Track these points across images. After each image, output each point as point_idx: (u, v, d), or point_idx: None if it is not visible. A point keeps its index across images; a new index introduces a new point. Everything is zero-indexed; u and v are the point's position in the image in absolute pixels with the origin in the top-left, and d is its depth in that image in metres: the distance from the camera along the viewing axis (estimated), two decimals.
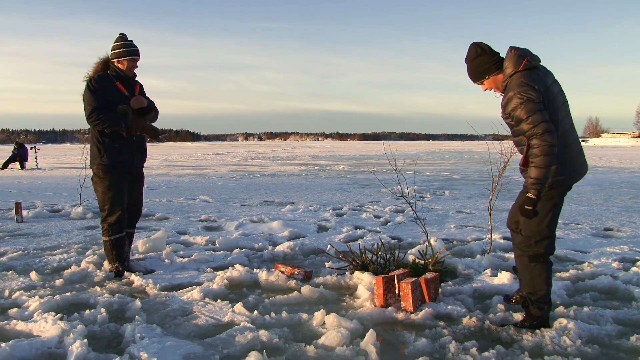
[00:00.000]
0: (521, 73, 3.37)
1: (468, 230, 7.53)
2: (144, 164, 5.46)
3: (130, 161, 5.13)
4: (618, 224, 8.09)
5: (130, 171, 5.17)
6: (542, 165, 3.23)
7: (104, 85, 4.99)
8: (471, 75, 3.62)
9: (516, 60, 3.41)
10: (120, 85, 5.07)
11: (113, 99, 4.98)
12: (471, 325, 3.72)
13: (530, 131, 3.26)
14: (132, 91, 5.17)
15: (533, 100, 3.26)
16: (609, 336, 3.53)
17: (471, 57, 3.56)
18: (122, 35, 5.16)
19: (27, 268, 5.36)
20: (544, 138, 3.22)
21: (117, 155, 5.02)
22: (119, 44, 5.09)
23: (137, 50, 5.14)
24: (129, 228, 5.30)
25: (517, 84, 3.33)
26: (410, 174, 16.73)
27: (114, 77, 5.07)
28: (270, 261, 5.72)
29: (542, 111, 3.27)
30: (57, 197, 12.27)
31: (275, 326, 3.70)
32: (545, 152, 3.22)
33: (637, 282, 4.71)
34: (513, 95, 3.31)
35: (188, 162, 31.49)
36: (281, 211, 9.62)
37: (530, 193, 3.29)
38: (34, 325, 3.65)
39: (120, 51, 5.06)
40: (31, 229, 7.84)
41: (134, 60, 5.12)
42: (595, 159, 33.26)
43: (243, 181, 16.85)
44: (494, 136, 6.14)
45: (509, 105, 3.35)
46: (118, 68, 5.10)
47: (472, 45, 3.56)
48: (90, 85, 4.97)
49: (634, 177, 17.82)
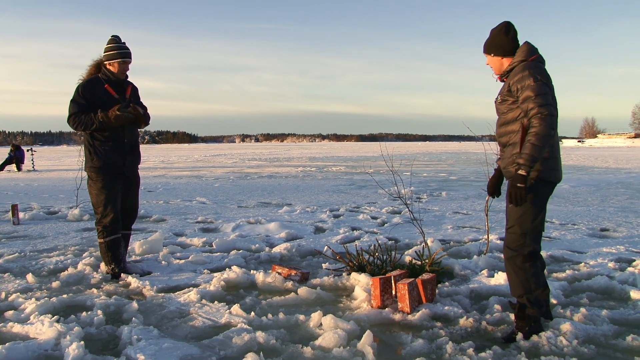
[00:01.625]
0: (535, 61, 3.46)
1: (465, 231, 7.55)
2: (139, 166, 5.44)
3: (121, 163, 5.09)
4: (614, 224, 8.11)
5: (123, 173, 5.14)
6: (540, 144, 3.25)
7: (92, 90, 5.01)
8: (485, 44, 3.71)
9: (529, 51, 3.51)
10: (109, 88, 5.06)
11: (102, 103, 4.97)
12: (468, 326, 3.72)
13: (536, 110, 3.28)
14: (123, 94, 5.16)
15: (547, 84, 3.35)
16: (606, 336, 3.54)
17: (496, 30, 3.65)
18: (114, 37, 5.15)
19: (24, 270, 5.35)
20: (547, 119, 3.26)
21: (108, 158, 5.01)
22: (111, 45, 5.08)
23: (129, 53, 5.12)
24: (125, 230, 5.31)
25: (535, 65, 3.43)
26: (407, 175, 16.75)
27: (104, 81, 5.07)
28: (267, 262, 5.72)
29: (550, 96, 3.34)
30: (54, 199, 12.24)
31: (272, 327, 3.70)
32: (546, 132, 3.25)
33: (633, 282, 4.72)
34: (529, 73, 3.36)
35: (185, 163, 31.47)
36: (278, 212, 9.62)
37: (521, 169, 3.29)
38: (31, 328, 3.64)
39: (111, 53, 5.05)
40: (28, 231, 7.82)
41: (125, 63, 5.10)
42: (592, 159, 33.35)
43: (240, 183, 16.85)
44: (490, 137, 6.15)
45: (521, 81, 3.38)
46: (109, 71, 5.08)
47: (505, 22, 3.64)
48: (76, 92, 5.02)
49: (630, 177, 17.86)
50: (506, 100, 3.52)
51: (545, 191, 3.48)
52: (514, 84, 3.43)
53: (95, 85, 5.04)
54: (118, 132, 5.05)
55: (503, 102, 3.56)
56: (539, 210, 3.48)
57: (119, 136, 5.07)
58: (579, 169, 22.70)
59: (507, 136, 3.56)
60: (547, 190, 3.49)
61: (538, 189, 3.40)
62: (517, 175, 3.31)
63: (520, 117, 3.43)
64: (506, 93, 3.52)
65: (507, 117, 3.54)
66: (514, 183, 3.36)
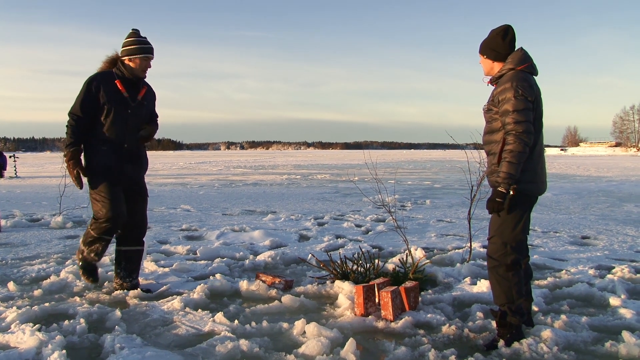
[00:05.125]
0: (522, 71, 3.46)
1: (448, 239, 7.60)
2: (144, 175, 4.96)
3: (117, 169, 4.59)
4: (595, 232, 8.23)
5: (122, 180, 4.63)
6: (515, 162, 3.31)
7: (101, 82, 4.55)
8: (481, 44, 3.72)
9: (519, 60, 3.51)
10: (119, 85, 4.59)
11: (109, 99, 4.52)
12: (450, 334, 3.76)
13: (512, 126, 3.33)
14: (135, 94, 4.68)
15: (526, 98, 3.36)
16: (585, 342, 3.59)
17: (495, 32, 3.64)
18: (135, 30, 4.72)
19: (5, 278, 5.29)
20: (522, 137, 3.30)
21: (102, 159, 4.55)
22: (132, 39, 4.64)
23: (152, 48, 4.68)
24: (135, 245, 4.87)
25: (520, 77, 3.42)
26: (392, 183, 16.83)
27: (117, 76, 4.62)
28: (251, 270, 5.72)
29: (529, 111, 3.36)
30: (37, 206, 12.13)
31: (256, 335, 3.70)
32: (520, 150, 3.30)
33: (613, 289, 4.79)
34: (511, 86, 3.37)
35: (170, 171, 31.34)
36: (262, 220, 9.62)
37: (501, 187, 3.37)
38: (11, 337, 3.60)
39: (132, 48, 4.60)
40: (10, 238, 7.74)
41: (147, 59, 4.65)
42: (574, 167, 33.75)
43: (225, 190, 16.81)
44: (474, 145, 6.23)
45: (503, 93, 3.40)
46: (128, 67, 4.62)
47: (506, 25, 3.63)
48: (84, 85, 4.57)
49: (610, 185, 18.12)
50: (491, 110, 3.56)
51: (523, 202, 3.51)
52: (497, 94, 3.46)
53: (106, 79, 4.59)
54: (117, 135, 4.59)
55: (488, 111, 3.59)
56: (518, 220, 3.52)
57: (119, 139, 4.60)
58: (562, 177, 22.97)
59: (490, 145, 3.60)
60: (524, 202, 3.52)
61: (515, 200, 3.44)
62: (497, 192, 3.40)
63: (503, 128, 3.46)
64: (491, 102, 3.56)
65: (491, 126, 3.58)
66: (492, 198, 3.43)
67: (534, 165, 3.50)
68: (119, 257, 4.86)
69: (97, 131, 4.58)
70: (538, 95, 3.49)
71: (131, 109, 4.64)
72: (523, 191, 3.46)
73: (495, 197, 3.40)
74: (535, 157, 3.50)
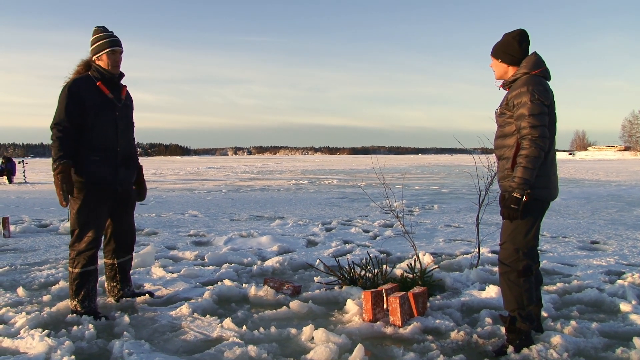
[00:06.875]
0: (537, 76, 3.44)
1: (456, 244, 7.57)
2: (132, 182, 4.69)
3: (112, 178, 4.33)
4: (604, 237, 8.17)
5: (114, 190, 4.39)
6: (531, 167, 3.28)
7: (81, 90, 4.23)
8: (494, 47, 3.68)
9: (534, 64, 3.49)
10: (102, 86, 4.30)
11: (94, 104, 4.24)
12: (459, 340, 3.74)
13: (528, 130, 3.30)
14: (118, 94, 4.44)
15: (543, 102, 3.34)
16: (595, 349, 3.56)
17: (510, 36, 3.61)
18: (98, 27, 4.39)
19: (14, 284, 5.32)
20: (538, 142, 3.28)
21: (96, 170, 4.24)
22: (96, 36, 4.33)
23: (118, 41, 4.35)
24: (125, 255, 4.71)
25: (535, 81, 3.39)
26: (400, 188, 16.80)
27: (95, 79, 4.32)
28: (259, 276, 5.72)
29: (545, 115, 3.34)
30: (45, 211, 12.19)
31: (264, 341, 3.70)
32: (536, 154, 3.28)
33: (623, 294, 4.75)
34: (527, 90, 3.35)
35: (177, 176, 31.40)
36: (270, 226, 9.62)
37: (515, 193, 3.33)
38: (21, 342, 3.62)
39: (98, 44, 4.30)
40: (19, 244, 7.78)
41: (114, 53, 4.31)
42: (583, 172, 33.57)
43: (232, 196, 16.83)
44: (482, 149, 6.21)
45: (519, 97, 3.38)
46: (100, 67, 4.32)
47: (521, 30, 3.60)
48: (62, 93, 4.23)
49: (620, 190, 17.99)
50: (504, 114, 3.53)
51: (535, 208, 3.49)
52: (512, 98, 3.43)
53: (85, 85, 4.27)
54: (109, 139, 4.31)
55: (502, 115, 3.56)
56: (531, 226, 3.50)
57: (111, 144, 4.33)
58: (570, 182, 22.85)
59: (502, 149, 3.58)
60: (537, 208, 3.50)
61: (527, 206, 3.42)
62: (512, 197, 3.35)
63: (517, 132, 3.44)
64: (505, 106, 3.52)
65: (504, 130, 3.55)
66: (507, 204, 3.39)
67: (547, 170, 3.48)
68: (113, 271, 4.70)
69: (85, 140, 4.25)
70: (552, 100, 3.47)
71: (119, 111, 4.41)
72: (536, 197, 3.44)
73: (510, 203, 3.36)
74: (548, 163, 3.48)
